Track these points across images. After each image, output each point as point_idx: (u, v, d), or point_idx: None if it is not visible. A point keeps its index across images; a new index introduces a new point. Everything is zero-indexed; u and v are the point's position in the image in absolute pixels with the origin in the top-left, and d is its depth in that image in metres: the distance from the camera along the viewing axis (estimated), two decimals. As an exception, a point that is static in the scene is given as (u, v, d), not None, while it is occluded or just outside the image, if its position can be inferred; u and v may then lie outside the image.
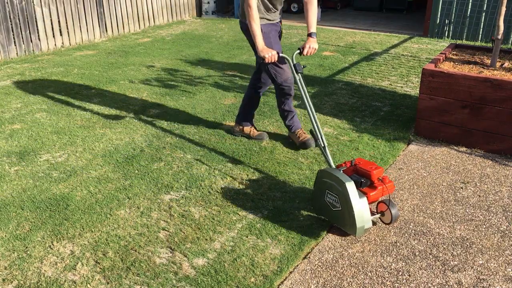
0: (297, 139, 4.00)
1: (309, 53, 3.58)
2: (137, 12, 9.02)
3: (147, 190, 3.38)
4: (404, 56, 6.99)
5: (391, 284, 2.50)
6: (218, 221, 3.02)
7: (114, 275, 2.56)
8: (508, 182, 3.47)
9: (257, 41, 3.46)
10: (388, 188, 2.85)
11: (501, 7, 4.04)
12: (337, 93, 5.37)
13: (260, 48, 3.44)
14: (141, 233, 2.91)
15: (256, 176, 3.56)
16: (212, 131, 4.36)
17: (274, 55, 3.41)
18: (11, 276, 2.55)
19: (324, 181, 2.87)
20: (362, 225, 2.70)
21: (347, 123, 4.54)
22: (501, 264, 2.63)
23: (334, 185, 2.77)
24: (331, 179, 2.80)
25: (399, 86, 5.60)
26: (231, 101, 5.16)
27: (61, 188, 3.41)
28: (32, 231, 2.92)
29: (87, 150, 4.01)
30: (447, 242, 2.81)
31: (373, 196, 2.82)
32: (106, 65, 6.62)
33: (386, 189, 2.85)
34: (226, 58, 6.97)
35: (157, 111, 4.86)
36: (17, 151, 3.99)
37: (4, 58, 6.92)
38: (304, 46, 3.55)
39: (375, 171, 2.83)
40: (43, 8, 7.34)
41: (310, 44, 3.55)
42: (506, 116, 3.76)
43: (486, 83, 3.76)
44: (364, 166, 2.88)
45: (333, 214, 2.84)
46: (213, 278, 2.53)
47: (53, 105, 5.03)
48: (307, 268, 2.61)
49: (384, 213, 2.90)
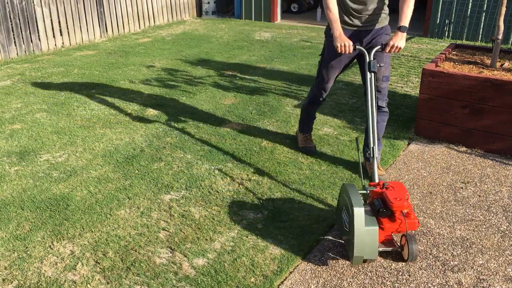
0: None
1: (392, 51, 3.13)
2: (137, 12, 9.02)
3: (147, 190, 3.39)
4: (404, 56, 6.99)
5: (391, 284, 2.50)
6: (218, 221, 3.02)
7: (114, 275, 2.56)
8: (508, 182, 3.47)
9: (333, 28, 3.17)
10: (408, 224, 2.59)
11: (501, 7, 4.04)
12: (337, 93, 5.37)
13: (336, 35, 3.15)
14: (141, 233, 2.91)
15: (256, 176, 3.56)
16: (212, 131, 4.36)
17: (348, 46, 3.11)
18: (11, 276, 2.55)
19: (343, 198, 2.68)
20: (359, 255, 2.50)
21: (347, 123, 4.54)
22: (501, 264, 2.63)
23: (348, 206, 2.57)
24: (347, 198, 2.58)
25: (399, 86, 5.60)
26: (231, 101, 5.16)
27: (61, 188, 3.41)
28: (32, 231, 2.92)
29: (87, 150, 4.01)
30: (447, 242, 2.81)
31: (388, 228, 2.60)
32: (106, 65, 6.62)
33: (405, 225, 2.58)
34: (226, 58, 6.97)
35: (157, 111, 4.86)
36: (17, 151, 3.99)
37: (4, 58, 6.92)
38: (388, 42, 3.13)
39: (397, 203, 2.56)
40: (43, 8, 7.34)
41: (395, 41, 3.09)
42: (506, 116, 3.76)
43: (486, 83, 3.76)
44: (391, 194, 2.61)
45: (344, 233, 2.68)
46: (213, 278, 2.53)
47: (53, 105, 5.03)
48: (307, 268, 2.61)
49: (403, 247, 2.65)
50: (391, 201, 2.57)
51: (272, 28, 9.20)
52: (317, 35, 8.55)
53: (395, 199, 2.58)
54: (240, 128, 4.44)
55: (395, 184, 2.73)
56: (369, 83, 3.04)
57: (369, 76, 3.05)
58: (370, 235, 2.50)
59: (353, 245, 2.47)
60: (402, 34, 3.13)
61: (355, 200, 2.53)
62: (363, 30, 3.35)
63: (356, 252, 2.48)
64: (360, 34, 3.35)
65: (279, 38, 8.27)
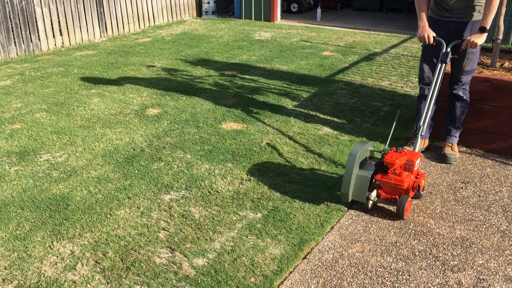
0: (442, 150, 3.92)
1: (468, 46, 3.40)
2: (137, 12, 9.02)
3: (147, 190, 3.39)
4: (404, 56, 6.99)
5: (391, 284, 2.50)
6: (218, 221, 3.02)
7: (114, 275, 2.56)
8: (508, 182, 3.47)
9: (418, 19, 3.55)
10: (396, 180, 2.97)
11: (501, 7, 4.04)
12: (337, 93, 5.37)
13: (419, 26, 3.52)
14: (141, 233, 2.91)
15: (256, 176, 3.56)
16: (212, 131, 4.36)
17: (426, 38, 3.45)
18: (11, 276, 2.55)
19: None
20: (345, 192, 3.00)
21: (347, 123, 4.54)
22: (501, 264, 2.63)
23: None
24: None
25: (399, 86, 5.61)
26: (231, 101, 5.16)
27: (61, 188, 3.41)
28: (32, 231, 2.92)
29: (87, 150, 4.01)
30: (447, 242, 2.81)
31: (378, 179, 3.03)
32: (106, 65, 6.62)
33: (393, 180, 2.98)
34: (226, 58, 6.97)
35: (157, 111, 4.86)
36: (17, 151, 3.99)
37: (4, 58, 6.92)
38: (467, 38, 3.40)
39: (389, 160, 2.96)
40: (43, 8, 7.33)
41: (473, 37, 3.36)
42: (506, 116, 3.75)
43: (486, 83, 3.76)
44: (391, 154, 3.01)
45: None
46: (213, 278, 2.53)
47: (53, 105, 5.03)
48: (307, 268, 2.61)
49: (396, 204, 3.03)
50: (385, 158, 2.99)
51: (272, 28, 9.20)
52: (317, 35, 8.55)
53: (390, 157, 2.97)
54: (240, 128, 4.44)
55: (411, 152, 3.09)
56: (437, 71, 3.42)
57: (438, 66, 3.41)
58: (360, 179, 3.00)
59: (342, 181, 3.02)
60: (482, 34, 3.38)
61: (355, 148, 3.04)
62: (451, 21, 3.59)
63: (342, 188, 3.02)
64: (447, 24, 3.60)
65: (279, 38, 8.27)
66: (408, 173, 3.03)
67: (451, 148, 3.81)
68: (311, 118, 4.67)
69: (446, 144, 3.84)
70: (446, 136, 3.86)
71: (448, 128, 3.85)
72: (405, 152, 3.06)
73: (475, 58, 3.60)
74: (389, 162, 2.98)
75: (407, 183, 2.99)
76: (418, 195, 3.18)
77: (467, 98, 3.73)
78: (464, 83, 3.68)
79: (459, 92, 3.70)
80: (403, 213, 2.96)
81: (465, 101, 3.74)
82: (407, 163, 3.04)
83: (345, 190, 3.02)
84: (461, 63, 3.59)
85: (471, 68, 3.63)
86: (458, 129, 3.86)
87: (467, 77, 3.66)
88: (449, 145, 3.82)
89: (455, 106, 3.77)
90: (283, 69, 6.39)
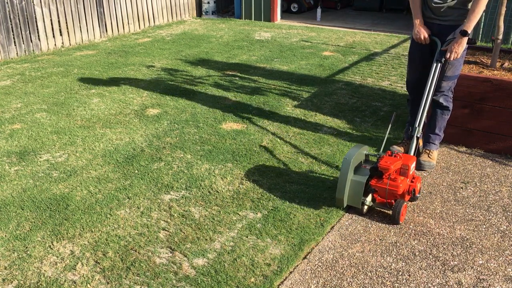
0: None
1: (451, 58, 3.26)
2: (137, 12, 9.02)
3: (147, 190, 3.39)
4: (404, 56, 6.98)
5: (391, 284, 2.50)
6: (218, 221, 3.02)
7: (114, 275, 2.56)
8: (508, 182, 3.47)
9: (413, 17, 3.46)
10: (391, 185, 2.94)
11: (501, 7, 4.03)
12: (337, 93, 5.37)
13: (415, 25, 3.43)
14: (141, 233, 2.91)
15: (256, 176, 3.56)
16: (212, 131, 4.36)
17: (421, 38, 3.39)
18: (11, 276, 2.55)
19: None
20: (340, 197, 3.00)
21: (347, 123, 4.54)
22: (501, 264, 2.63)
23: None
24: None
25: (399, 86, 5.60)
26: (231, 101, 5.16)
27: (61, 188, 3.41)
28: (32, 231, 2.92)
29: (87, 150, 4.01)
30: (447, 242, 2.81)
31: (373, 184, 2.99)
32: (106, 65, 6.62)
33: (388, 185, 2.94)
34: (226, 58, 6.97)
35: (157, 111, 4.86)
36: (17, 151, 3.99)
37: (4, 58, 6.92)
38: (448, 47, 3.28)
39: (384, 165, 2.91)
40: (43, 8, 7.33)
41: (452, 45, 3.24)
42: (506, 116, 3.76)
43: (486, 83, 3.76)
44: (386, 159, 2.96)
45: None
46: (213, 278, 2.53)
47: (53, 105, 5.03)
48: (307, 268, 2.61)
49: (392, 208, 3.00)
50: (380, 163, 2.94)
51: (272, 28, 9.20)
52: (317, 35, 8.55)
53: (385, 162, 2.92)
54: (240, 128, 4.44)
55: (406, 156, 3.04)
56: (432, 71, 3.31)
57: (434, 65, 3.31)
58: (354, 184, 2.98)
59: (337, 187, 3.02)
60: (462, 38, 3.21)
61: (349, 153, 3.03)
62: (442, 24, 3.43)
63: (337, 193, 3.03)
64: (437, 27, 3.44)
65: (279, 38, 8.27)
66: (403, 178, 2.97)
67: (427, 155, 3.68)
68: (311, 118, 4.67)
69: (424, 150, 3.73)
70: (425, 142, 3.76)
71: (428, 135, 3.74)
72: (400, 156, 3.01)
73: (459, 65, 3.48)
74: (383, 167, 2.92)
75: (402, 188, 2.95)
76: (414, 199, 3.13)
77: (448, 105, 3.62)
78: (445, 89, 3.54)
79: (439, 99, 3.57)
80: (399, 218, 2.94)
81: (445, 108, 3.62)
82: (402, 167, 2.99)
83: (340, 195, 3.01)
84: (442, 68, 3.43)
85: (453, 74, 3.49)
86: (438, 137, 3.74)
87: (448, 83, 3.52)
88: (426, 152, 3.70)
89: (435, 112, 3.66)
90: (283, 69, 6.39)
